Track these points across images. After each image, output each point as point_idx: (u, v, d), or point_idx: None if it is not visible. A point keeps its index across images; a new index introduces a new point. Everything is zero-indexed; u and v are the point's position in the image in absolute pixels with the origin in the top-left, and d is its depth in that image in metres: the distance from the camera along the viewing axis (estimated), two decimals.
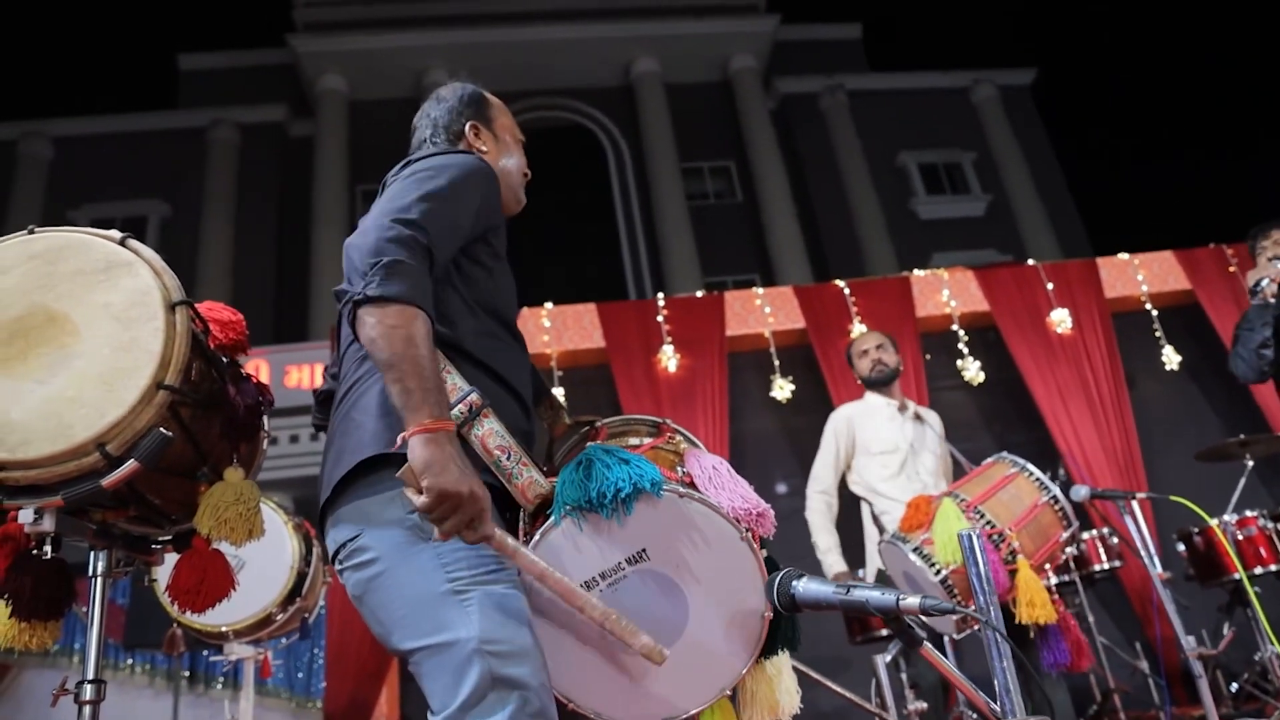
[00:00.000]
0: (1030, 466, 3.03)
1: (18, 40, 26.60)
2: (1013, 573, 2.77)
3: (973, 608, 1.18)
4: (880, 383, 3.93)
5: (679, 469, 1.64)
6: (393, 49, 17.66)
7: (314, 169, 16.73)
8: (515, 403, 1.59)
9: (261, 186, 17.13)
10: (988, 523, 2.84)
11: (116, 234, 1.53)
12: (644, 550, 1.45)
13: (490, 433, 1.44)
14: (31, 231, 1.52)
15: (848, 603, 1.24)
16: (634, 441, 1.73)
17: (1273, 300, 3.36)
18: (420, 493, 1.28)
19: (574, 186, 18.05)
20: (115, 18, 26.28)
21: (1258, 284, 3.39)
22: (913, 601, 1.20)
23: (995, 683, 1.20)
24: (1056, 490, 2.97)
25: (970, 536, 1.28)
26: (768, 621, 1.50)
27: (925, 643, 1.23)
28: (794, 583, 1.33)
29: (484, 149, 1.80)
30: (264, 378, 4.61)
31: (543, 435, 1.85)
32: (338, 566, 1.48)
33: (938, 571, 2.82)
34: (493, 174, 1.65)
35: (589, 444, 1.56)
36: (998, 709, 1.17)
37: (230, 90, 18.09)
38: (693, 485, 1.55)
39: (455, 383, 1.44)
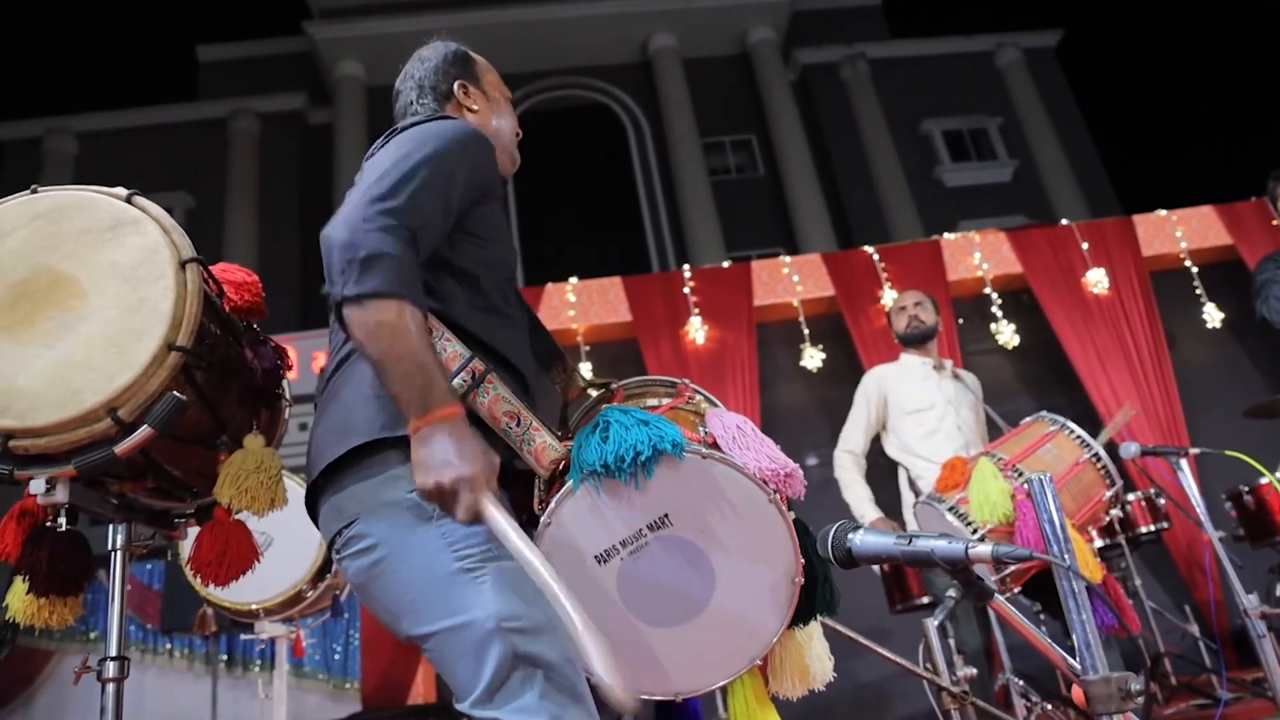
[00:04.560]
0: (1071, 424, 2.93)
1: (41, 39, 26.82)
2: None
3: (1048, 555, 1.09)
4: (915, 339, 3.84)
5: (701, 429, 1.55)
6: (410, 33, 17.41)
7: (334, 156, 16.73)
8: (514, 380, 1.49)
9: (283, 175, 17.22)
10: (1026, 481, 2.72)
11: (123, 191, 1.47)
12: (666, 515, 1.37)
13: (497, 399, 1.36)
14: (35, 191, 1.46)
15: (910, 554, 1.14)
16: (652, 403, 1.64)
17: None
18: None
19: (595, 165, 17.93)
20: (134, 11, 26.40)
21: None
22: (984, 549, 1.09)
23: (1074, 637, 1.10)
24: (1099, 447, 2.86)
25: (1040, 480, 1.18)
26: (799, 587, 1.40)
27: (996, 596, 1.13)
28: (850, 535, 1.24)
29: (474, 109, 1.68)
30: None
31: (556, 400, 1.76)
32: (335, 556, 1.40)
33: (974, 531, 2.72)
34: (486, 140, 1.53)
35: (605, 406, 1.48)
36: (1078, 666, 1.08)
37: (249, 80, 18.19)
38: (715, 446, 1.46)
39: (455, 349, 1.36)
